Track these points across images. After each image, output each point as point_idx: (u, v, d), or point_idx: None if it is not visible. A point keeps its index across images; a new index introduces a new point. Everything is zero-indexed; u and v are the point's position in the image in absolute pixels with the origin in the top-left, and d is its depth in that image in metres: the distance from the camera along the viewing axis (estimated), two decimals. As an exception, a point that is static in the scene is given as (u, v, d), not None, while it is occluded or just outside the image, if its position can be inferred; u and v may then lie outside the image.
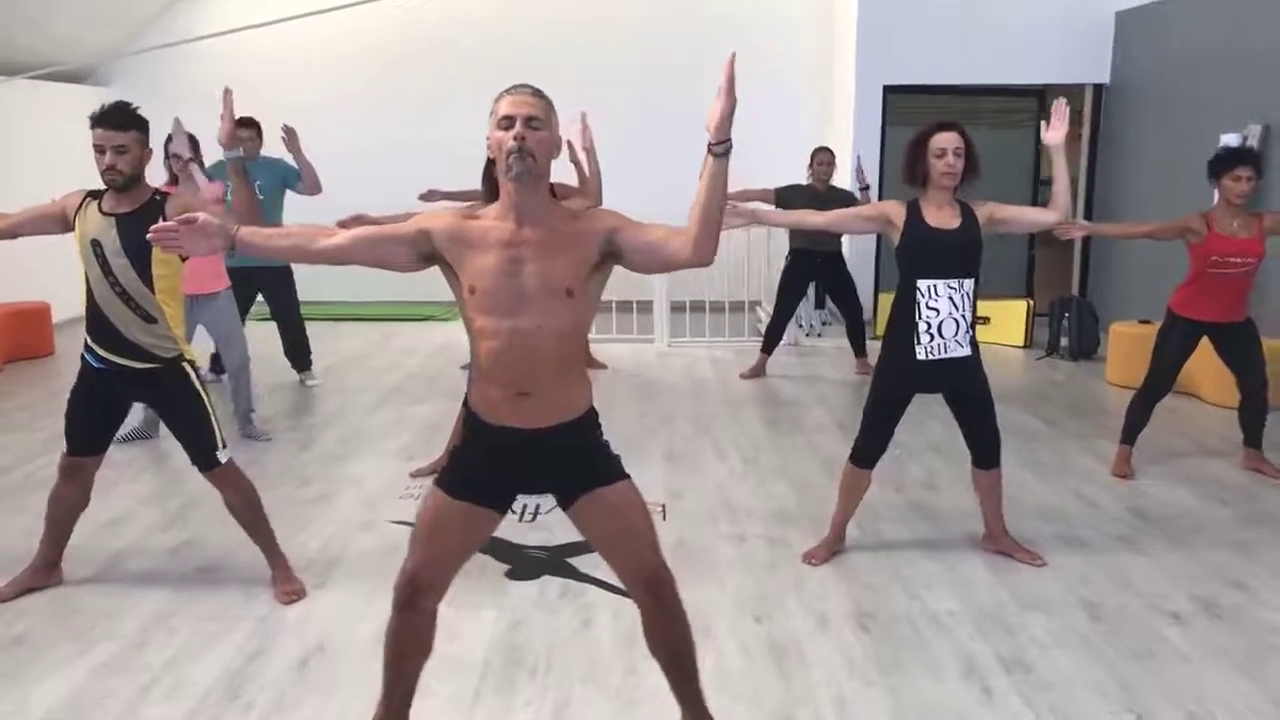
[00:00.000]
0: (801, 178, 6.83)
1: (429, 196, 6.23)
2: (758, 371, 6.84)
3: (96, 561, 3.76)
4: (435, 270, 2.33)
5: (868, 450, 3.72)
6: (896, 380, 3.64)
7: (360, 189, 7.29)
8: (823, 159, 6.72)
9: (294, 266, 6.10)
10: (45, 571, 3.53)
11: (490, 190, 4.54)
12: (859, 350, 6.95)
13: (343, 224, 4.56)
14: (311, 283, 6.48)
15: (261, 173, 5.98)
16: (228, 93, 3.53)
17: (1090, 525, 4.11)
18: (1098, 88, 8.35)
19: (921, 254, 3.49)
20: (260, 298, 6.25)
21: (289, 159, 6.01)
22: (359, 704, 2.71)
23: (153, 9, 9.04)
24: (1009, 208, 3.60)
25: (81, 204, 3.29)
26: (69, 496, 3.48)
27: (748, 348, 7.48)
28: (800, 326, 8.06)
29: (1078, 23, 8.14)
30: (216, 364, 6.11)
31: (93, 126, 3.16)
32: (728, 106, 2.05)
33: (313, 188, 6.01)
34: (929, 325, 3.48)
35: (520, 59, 8.62)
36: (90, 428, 3.43)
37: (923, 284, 3.48)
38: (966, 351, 3.54)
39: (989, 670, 2.97)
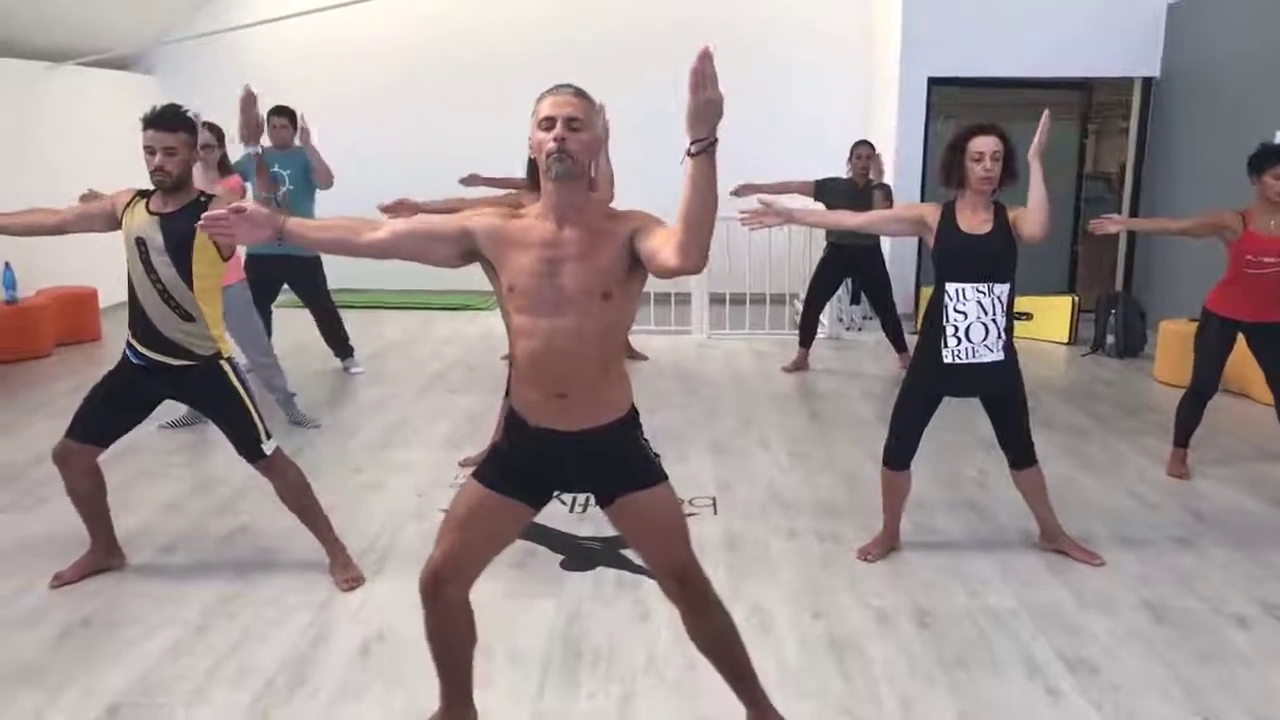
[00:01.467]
0: (841, 170, 6.78)
1: (470, 181, 6.22)
2: (800, 365, 6.81)
3: (154, 546, 3.80)
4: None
5: (897, 451, 3.69)
6: (923, 382, 3.62)
7: (394, 179, 7.32)
8: (861, 153, 6.64)
9: (324, 256, 6.10)
10: (104, 554, 3.58)
11: (534, 181, 4.57)
12: (898, 346, 6.89)
13: (386, 208, 4.61)
14: (350, 271, 6.50)
15: (292, 163, 5.99)
16: (247, 90, 3.51)
17: (1147, 525, 4.06)
18: (1146, 81, 8.23)
19: (952, 258, 3.47)
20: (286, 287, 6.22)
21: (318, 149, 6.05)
22: (425, 693, 2.73)
23: (192, 1, 9.10)
24: (1024, 221, 3.40)
25: (130, 203, 3.35)
26: (79, 487, 3.46)
27: (788, 340, 7.44)
28: (840, 320, 8.02)
29: (1127, 15, 8.01)
30: None
31: (144, 129, 3.22)
32: (694, 103, 1.87)
33: (324, 181, 5.96)
34: (956, 329, 3.46)
35: (556, 57, 8.61)
36: (103, 418, 3.42)
37: (951, 287, 3.45)
38: (998, 356, 3.49)
39: (1053, 670, 2.94)
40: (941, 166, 3.51)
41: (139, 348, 3.36)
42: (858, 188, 6.49)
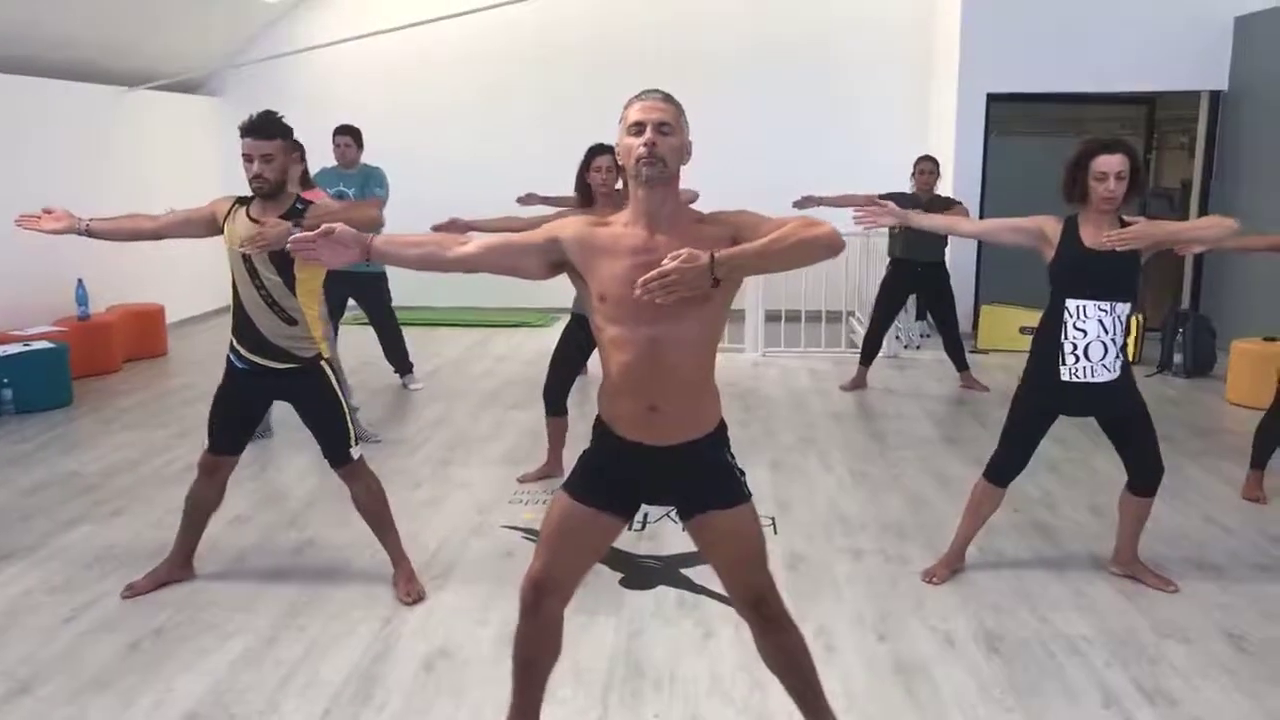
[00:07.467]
0: (901, 185, 6.71)
1: (527, 200, 6.26)
2: (859, 383, 6.73)
3: (224, 558, 3.87)
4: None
5: (1005, 467, 3.64)
6: (1037, 399, 3.55)
7: (455, 194, 7.43)
8: (925, 168, 6.57)
9: (390, 273, 6.19)
10: (180, 567, 3.65)
11: (583, 195, 4.59)
12: (960, 365, 6.78)
13: (439, 228, 4.67)
14: (408, 288, 6.56)
15: (354, 181, 6.11)
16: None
17: (1224, 551, 3.93)
18: (1214, 94, 8.05)
19: (1073, 274, 3.39)
20: (353, 303, 6.31)
21: (382, 167, 6.22)
22: (489, 708, 2.74)
23: (256, 26, 9.33)
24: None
25: (230, 210, 3.41)
26: (207, 495, 3.58)
27: (845, 359, 7.38)
28: (899, 339, 7.92)
29: (1193, 27, 7.85)
30: None
31: (242, 136, 3.28)
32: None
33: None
34: (1075, 346, 3.39)
35: (629, 68, 8.69)
36: (231, 427, 3.54)
37: (1072, 304, 3.38)
38: (1114, 376, 3.41)
39: (1130, 700, 2.86)
40: (1063, 183, 3.42)
41: (243, 353, 3.43)
42: (922, 204, 6.41)
